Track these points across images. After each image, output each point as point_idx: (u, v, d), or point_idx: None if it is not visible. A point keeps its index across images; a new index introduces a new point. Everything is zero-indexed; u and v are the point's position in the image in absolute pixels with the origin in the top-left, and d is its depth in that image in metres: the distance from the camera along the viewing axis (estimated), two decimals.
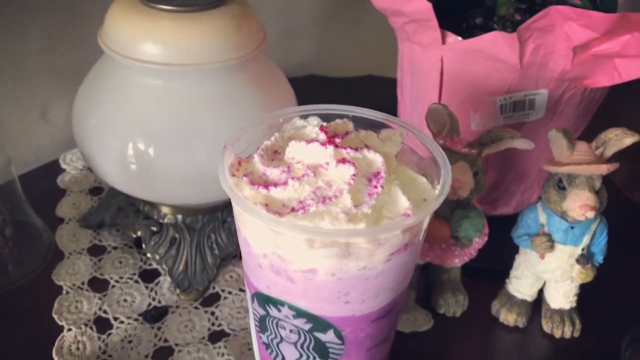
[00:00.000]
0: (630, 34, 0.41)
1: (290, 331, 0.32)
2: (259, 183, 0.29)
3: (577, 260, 0.44)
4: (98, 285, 0.49)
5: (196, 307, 0.48)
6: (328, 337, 0.32)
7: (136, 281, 0.49)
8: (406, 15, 0.47)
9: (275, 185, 0.29)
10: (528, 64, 0.45)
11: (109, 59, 0.45)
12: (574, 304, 0.47)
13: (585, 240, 0.43)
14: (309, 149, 0.30)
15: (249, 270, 0.32)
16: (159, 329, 0.46)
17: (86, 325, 0.45)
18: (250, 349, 0.44)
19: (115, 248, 0.52)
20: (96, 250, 0.52)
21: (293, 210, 0.28)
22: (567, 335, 0.47)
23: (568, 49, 0.44)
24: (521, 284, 0.48)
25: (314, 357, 0.33)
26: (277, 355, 0.34)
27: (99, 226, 0.53)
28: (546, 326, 0.48)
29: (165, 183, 0.45)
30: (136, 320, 0.46)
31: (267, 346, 0.34)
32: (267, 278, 0.31)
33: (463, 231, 0.43)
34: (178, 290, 0.48)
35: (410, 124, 0.35)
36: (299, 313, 0.31)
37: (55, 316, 0.46)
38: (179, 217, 0.50)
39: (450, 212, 0.44)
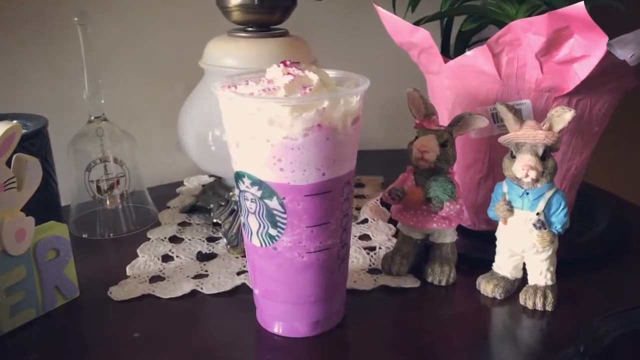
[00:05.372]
0: (572, 37, 0.51)
1: (251, 201, 0.45)
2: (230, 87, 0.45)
3: (534, 225, 0.50)
4: (175, 240, 0.65)
5: (237, 257, 0.61)
6: (274, 204, 0.44)
7: (202, 241, 0.65)
8: (417, 46, 0.60)
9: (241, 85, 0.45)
10: (507, 75, 0.56)
11: (203, 75, 0.66)
12: (549, 282, 0.52)
13: (540, 205, 0.50)
14: (272, 70, 0.45)
15: (232, 156, 0.46)
16: (204, 264, 0.60)
17: (155, 257, 0.61)
18: None
19: (198, 224, 0.69)
20: (184, 224, 0.69)
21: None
22: (539, 306, 0.51)
23: (535, 60, 0.54)
24: (500, 259, 0.54)
25: (268, 226, 0.45)
26: (249, 232, 0.46)
27: (191, 211, 0.71)
28: (521, 298, 0.52)
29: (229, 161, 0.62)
30: (191, 259, 0.61)
31: (245, 227, 0.47)
32: (235, 154, 0.45)
33: (432, 192, 0.53)
34: (229, 246, 0.62)
35: (362, 78, 0.48)
36: (253, 181, 0.44)
37: (137, 251, 0.63)
38: None
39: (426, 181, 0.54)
